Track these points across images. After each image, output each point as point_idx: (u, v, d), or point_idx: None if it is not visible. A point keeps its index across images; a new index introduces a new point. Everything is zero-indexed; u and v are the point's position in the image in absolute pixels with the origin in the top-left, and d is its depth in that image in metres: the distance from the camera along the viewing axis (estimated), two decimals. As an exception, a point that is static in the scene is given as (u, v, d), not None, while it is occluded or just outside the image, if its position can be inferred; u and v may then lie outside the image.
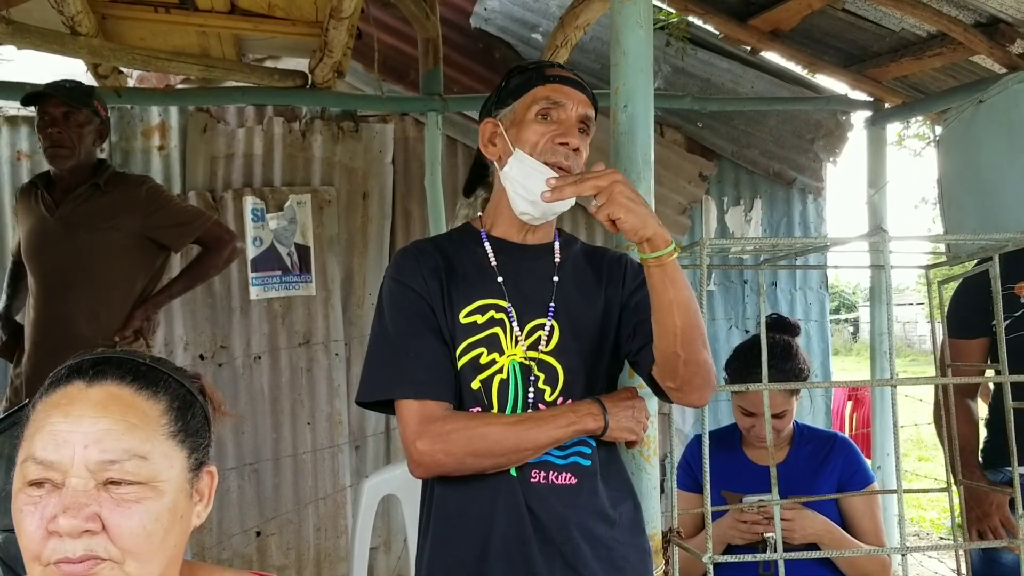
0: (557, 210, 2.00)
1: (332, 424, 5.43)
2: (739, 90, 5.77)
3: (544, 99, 1.97)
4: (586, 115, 2.00)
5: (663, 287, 1.75)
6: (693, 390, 1.84)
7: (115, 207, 3.59)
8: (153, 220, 3.65)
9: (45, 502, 1.16)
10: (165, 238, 3.71)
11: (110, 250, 3.58)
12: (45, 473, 1.17)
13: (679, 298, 1.75)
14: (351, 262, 5.52)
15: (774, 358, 2.78)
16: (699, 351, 1.79)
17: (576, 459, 1.93)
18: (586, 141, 2.01)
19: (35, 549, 1.15)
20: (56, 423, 1.19)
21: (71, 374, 1.24)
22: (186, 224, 3.74)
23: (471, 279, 1.98)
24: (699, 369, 1.80)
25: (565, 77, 2.01)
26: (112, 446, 1.19)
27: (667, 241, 1.74)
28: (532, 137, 1.96)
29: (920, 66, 4.56)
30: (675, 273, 1.75)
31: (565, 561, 1.89)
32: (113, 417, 1.21)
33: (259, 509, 5.31)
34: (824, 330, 6.28)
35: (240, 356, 5.29)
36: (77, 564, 1.15)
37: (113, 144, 5.23)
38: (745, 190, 6.14)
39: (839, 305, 37.38)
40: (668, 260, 1.74)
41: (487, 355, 1.93)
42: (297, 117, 5.46)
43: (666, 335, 1.78)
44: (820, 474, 2.95)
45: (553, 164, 1.93)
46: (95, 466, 1.17)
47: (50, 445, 1.17)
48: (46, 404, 1.22)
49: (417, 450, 1.86)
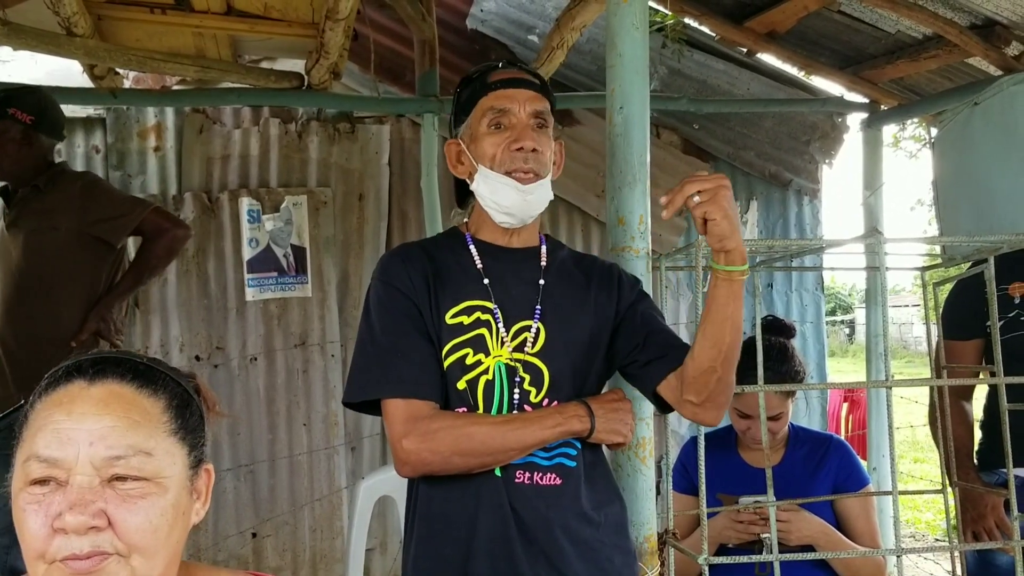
0: (532, 212, 2.00)
1: (328, 425, 5.43)
2: (735, 92, 5.77)
3: (490, 109, 1.97)
4: (537, 110, 1.98)
5: (725, 302, 1.77)
6: (714, 408, 1.86)
7: (53, 206, 3.53)
8: (89, 215, 3.56)
9: (49, 500, 1.17)
10: (103, 232, 3.60)
11: (52, 250, 3.51)
12: (49, 471, 1.17)
13: (735, 317, 1.78)
14: (347, 263, 5.52)
15: (770, 360, 2.78)
16: (733, 371, 1.82)
17: (561, 460, 1.93)
18: (546, 134, 2.00)
19: (40, 547, 1.16)
20: (60, 421, 1.19)
21: (71, 373, 1.25)
22: (122, 216, 3.62)
23: (457, 281, 1.99)
24: (726, 388, 1.83)
25: (507, 80, 2.00)
26: (117, 442, 1.20)
27: (744, 259, 1.76)
28: (489, 150, 1.96)
29: (916, 68, 4.57)
30: (739, 291, 1.77)
31: (549, 562, 1.88)
32: (116, 414, 1.22)
33: (255, 510, 5.30)
34: (820, 332, 6.28)
35: (236, 357, 5.29)
36: (84, 560, 1.15)
37: (109, 145, 5.23)
38: (741, 192, 6.14)
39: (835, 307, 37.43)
40: (738, 278, 1.76)
41: (473, 355, 1.93)
42: (293, 118, 5.46)
43: (711, 349, 1.79)
44: (816, 476, 2.95)
45: (514, 171, 1.94)
46: (100, 462, 1.18)
47: (54, 443, 1.18)
48: (47, 403, 1.22)
49: (403, 449, 1.86)
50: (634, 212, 2.31)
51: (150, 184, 5.27)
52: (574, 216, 5.80)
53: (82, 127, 5.25)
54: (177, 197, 5.25)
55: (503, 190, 1.94)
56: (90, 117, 5.23)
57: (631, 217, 2.31)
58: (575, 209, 5.75)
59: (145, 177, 5.27)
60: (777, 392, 2.86)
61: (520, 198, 1.95)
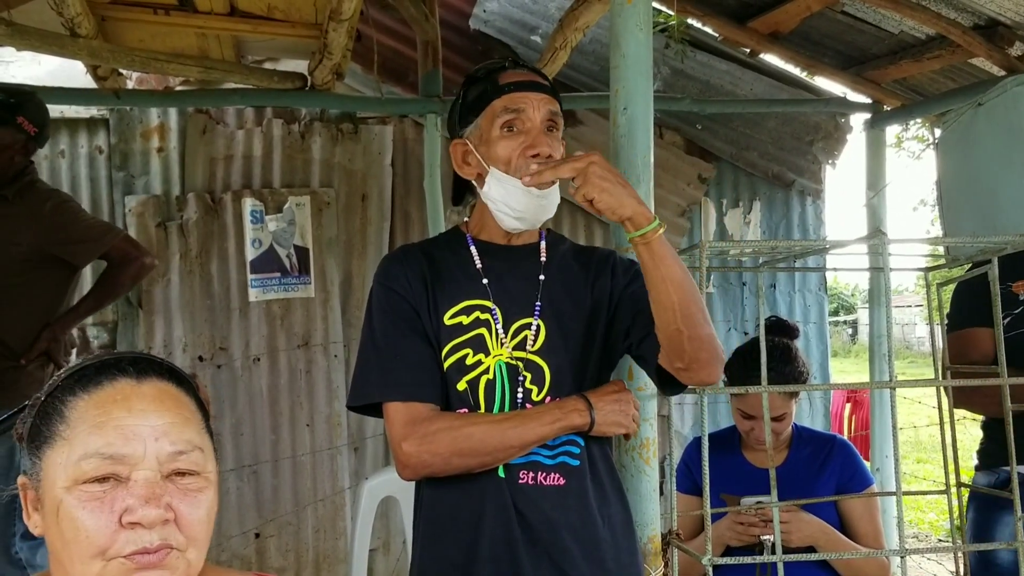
0: (543, 217, 1.99)
1: (331, 426, 5.43)
2: (738, 92, 5.77)
3: (504, 111, 1.95)
4: (550, 113, 1.98)
5: (653, 264, 1.76)
6: (701, 366, 1.82)
7: (18, 221, 3.47)
8: (56, 236, 3.52)
9: (112, 496, 1.17)
10: (68, 254, 3.58)
11: (10, 266, 3.46)
12: (112, 467, 1.18)
13: (671, 274, 1.76)
14: (350, 264, 5.52)
15: (773, 361, 2.78)
16: (701, 325, 1.79)
17: (564, 459, 1.93)
18: (556, 137, 1.99)
19: (103, 543, 1.16)
20: (121, 418, 1.20)
21: (110, 371, 1.25)
22: (91, 241, 3.60)
23: (456, 281, 1.99)
24: (703, 343, 1.80)
25: (520, 82, 1.98)
26: (178, 438, 1.23)
27: (648, 218, 1.74)
28: (503, 154, 1.95)
29: (919, 68, 4.57)
30: (662, 249, 1.76)
31: (553, 563, 1.89)
32: (172, 411, 1.25)
33: (258, 511, 5.30)
34: (823, 332, 6.28)
35: (239, 358, 5.29)
36: (153, 554, 1.17)
37: (112, 146, 5.23)
38: (744, 192, 6.14)
39: (838, 307, 37.42)
40: (653, 237, 1.75)
41: (473, 356, 1.94)
42: (296, 119, 5.46)
43: (664, 312, 1.78)
44: (819, 477, 2.95)
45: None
46: (165, 458, 1.21)
47: (118, 439, 1.19)
48: (93, 401, 1.22)
49: (403, 451, 1.87)
50: (637, 212, 2.30)
51: (153, 185, 5.27)
52: (577, 216, 5.80)
53: (85, 128, 5.25)
54: (180, 198, 5.25)
55: (516, 194, 1.92)
56: (93, 118, 5.23)
57: (635, 218, 2.29)
58: (578, 209, 5.75)
59: (148, 178, 5.28)
60: (781, 393, 2.86)
61: (536, 203, 1.94)
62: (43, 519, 1.22)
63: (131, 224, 5.13)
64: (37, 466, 1.22)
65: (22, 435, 1.27)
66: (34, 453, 1.23)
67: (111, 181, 5.25)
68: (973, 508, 2.91)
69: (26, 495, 1.25)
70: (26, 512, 1.25)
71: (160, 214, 5.20)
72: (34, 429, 1.24)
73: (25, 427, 1.26)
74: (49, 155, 5.16)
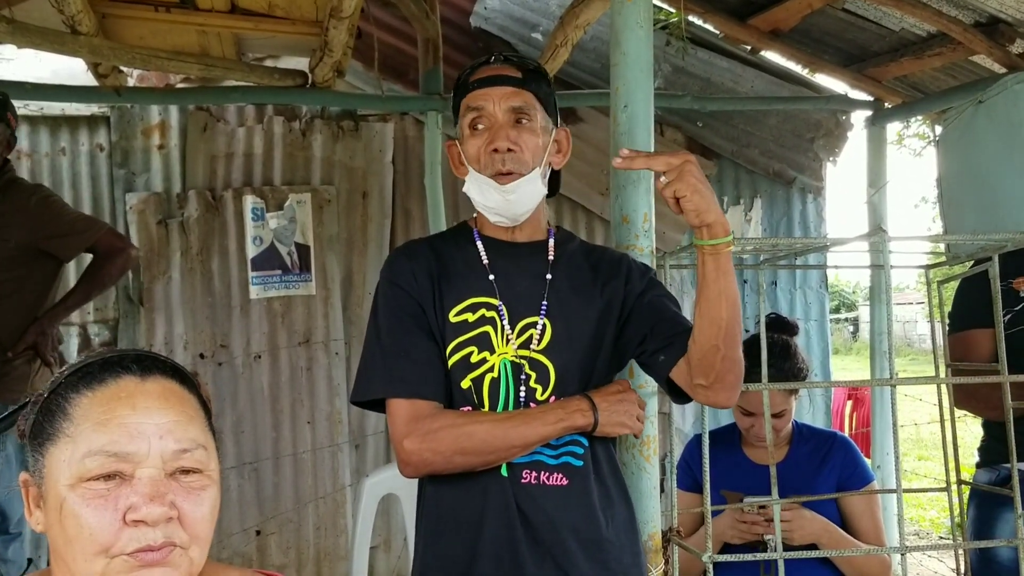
0: (517, 212, 1.97)
1: (332, 423, 5.43)
2: (739, 89, 5.77)
3: (468, 110, 1.97)
4: (514, 106, 1.95)
5: (715, 277, 1.75)
6: (725, 388, 1.82)
7: (5, 218, 3.49)
8: (44, 231, 3.54)
9: (116, 494, 1.18)
10: (56, 248, 3.60)
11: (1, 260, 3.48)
12: (117, 465, 1.18)
13: (728, 290, 1.75)
14: (351, 261, 5.53)
15: (773, 358, 2.78)
16: (737, 348, 1.78)
17: (568, 459, 1.93)
18: (528, 128, 1.96)
19: (106, 541, 1.16)
20: (125, 415, 1.20)
21: (114, 368, 1.25)
22: (77, 234, 3.62)
23: (462, 277, 1.99)
24: (734, 366, 1.79)
25: (483, 79, 1.98)
26: (182, 436, 1.23)
27: (727, 230, 1.73)
28: (472, 152, 1.97)
29: (920, 66, 4.57)
30: (727, 264, 1.75)
31: (555, 562, 1.88)
32: (176, 409, 1.25)
33: (259, 508, 5.31)
34: (824, 329, 6.28)
35: (240, 355, 5.29)
36: (157, 551, 1.17)
37: (113, 143, 5.23)
38: (745, 189, 6.14)
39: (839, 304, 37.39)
40: (724, 250, 1.73)
41: (478, 354, 1.93)
42: (297, 116, 5.47)
43: (710, 327, 1.76)
44: (819, 473, 2.95)
45: (495, 174, 1.93)
46: (170, 456, 1.21)
47: (123, 437, 1.19)
48: (97, 398, 1.22)
49: (405, 449, 1.86)
50: (638, 210, 2.31)
51: (154, 182, 5.27)
52: (578, 214, 5.80)
53: (86, 125, 5.24)
54: (181, 195, 5.25)
55: (488, 192, 1.94)
56: (94, 115, 5.23)
57: (635, 215, 2.30)
58: (579, 207, 5.75)
59: (149, 175, 5.28)
60: (780, 390, 2.86)
61: (501, 198, 1.94)
62: (45, 516, 1.22)
63: (132, 221, 5.13)
64: (40, 463, 1.22)
65: (24, 432, 1.27)
66: (37, 450, 1.23)
67: (112, 178, 5.25)
68: (974, 505, 2.91)
69: (27, 492, 1.25)
70: (28, 509, 1.25)
71: (161, 211, 5.20)
72: (37, 426, 1.24)
73: (28, 424, 1.26)
74: (50, 152, 5.16)
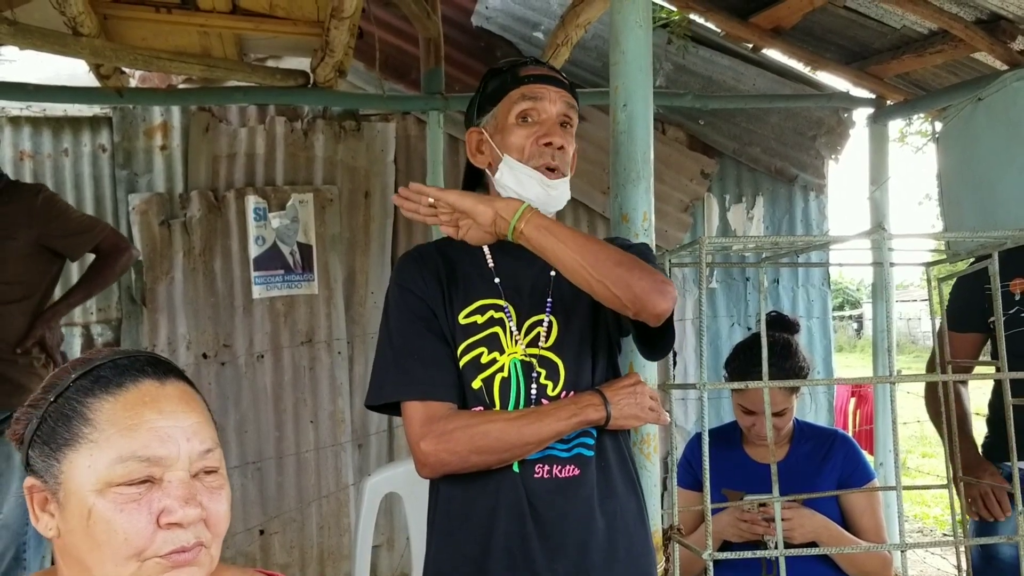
0: (553, 207, 2.02)
1: (335, 423, 5.44)
2: (741, 88, 5.77)
3: (522, 99, 1.99)
4: (566, 110, 2.02)
5: (541, 254, 1.84)
6: (642, 300, 1.80)
7: (12, 216, 3.57)
8: (50, 229, 3.64)
9: (148, 497, 1.19)
10: (63, 247, 3.72)
11: (9, 259, 3.56)
12: (149, 470, 1.20)
13: (554, 255, 1.81)
14: (353, 261, 5.53)
15: (774, 356, 2.79)
16: (611, 268, 1.80)
17: (580, 451, 1.95)
18: (570, 134, 2.03)
19: (141, 544, 1.18)
20: (154, 420, 1.22)
21: (131, 373, 1.26)
22: (83, 233, 3.75)
23: (470, 281, 2.01)
24: (622, 280, 1.79)
25: (539, 76, 2.02)
26: (205, 437, 1.26)
27: (511, 212, 1.82)
28: (517, 142, 1.99)
29: (921, 63, 4.57)
30: (538, 237, 1.82)
31: (566, 555, 1.91)
32: (196, 411, 1.28)
33: (262, 507, 5.32)
34: (826, 327, 6.28)
35: (243, 355, 5.30)
36: (189, 552, 1.21)
37: (115, 144, 5.25)
38: (747, 188, 6.14)
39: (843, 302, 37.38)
40: (522, 228, 1.81)
41: (488, 354, 1.96)
42: (299, 116, 5.47)
43: (577, 281, 1.83)
44: (821, 471, 2.96)
45: (541, 166, 1.97)
46: (196, 457, 1.24)
47: (155, 441, 1.21)
48: (120, 403, 1.23)
49: (421, 451, 1.89)
50: (638, 209, 2.32)
51: (157, 183, 5.28)
52: (579, 212, 5.80)
53: (88, 126, 5.26)
54: (184, 195, 5.26)
55: (528, 182, 1.96)
56: (96, 116, 5.25)
57: (635, 214, 2.31)
58: (580, 205, 5.75)
59: (152, 176, 5.29)
60: (781, 388, 2.87)
61: (545, 192, 1.97)
62: (63, 522, 1.22)
63: (135, 222, 5.14)
64: (53, 468, 1.22)
65: (23, 436, 1.26)
66: (49, 455, 1.22)
67: (115, 179, 5.26)
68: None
69: (32, 497, 1.25)
70: (33, 515, 1.25)
71: (164, 212, 5.21)
72: (49, 430, 1.23)
73: (30, 428, 1.25)
74: (52, 154, 5.18)
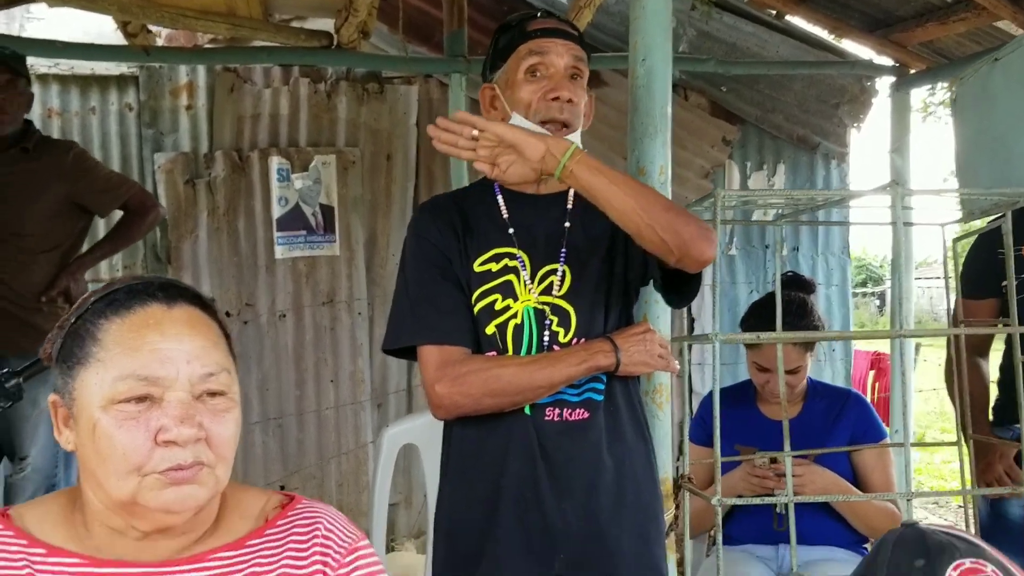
0: None
1: (355, 382, 5.50)
2: (764, 54, 5.74)
3: (529, 54, 2.01)
4: (575, 62, 2.03)
5: (592, 196, 1.85)
6: (688, 245, 1.84)
7: (44, 172, 3.66)
8: (81, 186, 3.73)
9: (147, 415, 1.23)
10: (92, 203, 3.81)
11: (40, 213, 3.65)
12: (147, 388, 1.24)
13: (604, 196, 1.83)
14: (375, 222, 5.58)
15: (789, 315, 2.81)
16: (661, 213, 1.83)
17: (590, 395, 2.00)
18: (580, 85, 2.04)
19: (139, 460, 1.22)
20: (156, 341, 1.26)
21: (141, 296, 1.30)
22: (113, 190, 3.84)
23: (485, 230, 2.05)
24: (671, 225, 1.83)
25: (547, 29, 2.03)
26: (209, 360, 1.28)
27: (562, 150, 1.82)
28: (525, 97, 2.01)
29: (945, 31, 4.56)
30: (587, 177, 1.83)
31: (574, 495, 1.96)
32: (203, 335, 1.31)
33: (283, 463, 5.40)
34: (845, 295, 6.28)
35: (265, 314, 5.36)
36: (187, 470, 1.24)
37: (142, 103, 5.30)
38: (768, 155, 6.13)
39: (866, 278, 37.16)
40: (572, 166, 1.82)
41: (502, 301, 2.00)
42: (323, 78, 5.50)
43: (626, 224, 1.85)
44: (833, 430, 2.99)
45: (549, 121, 1.98)
46: (197, 379, 1.26)
47: (154, 362, 1.24)
48: (127, 324, 1.27)
49: (436, 393, 1.94)
50: (655, 162, 2.33)
51: (182, 142, 5.33)
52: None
53: (115, 85, 5.32)
54: (208, 155, 5.31)
55: None
56: (123, 75, 5.30)
57: (651, 167, 2.33)
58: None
59: (177, 135, 5.34)
60: (795, 346, 2.90)
61: None
62: (77, 436, 1.28)
63: (160, 181, 5.19)
64: (69, 385, 1.27)
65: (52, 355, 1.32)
66: (66, 372, 1.28)
67: (140, 138, 5.32)
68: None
69: (56, 412, 1.31)
70: (57, 429, 1.31)
71: (188, 171, 5.26)
72: (66, 349, 1.29)
73: (55, 347, 1.31)
74: (80, 112, 5.24)
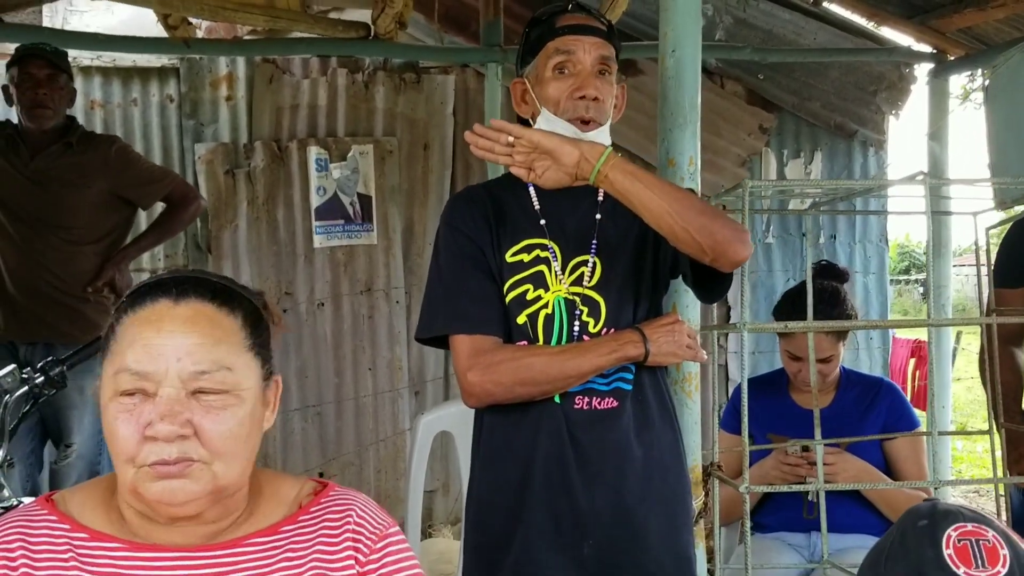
0: None
1: (392, 370, 5.55)
2: (801, 42, 5.69)
3: (556, 53, 2.03)
4: (602, 56, 2.04)
5: (627, 201, 1.87)
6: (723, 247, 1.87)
7: (88, 166, 3.76)
8: (123, 179, 3.83)
9: (139, 409, 1.28)
10: (135, 196, 3.92)
11: (84, 206, 3.75)
12: (139, 383, 1.28)
13: (639, 200, 1.86)
14: (412, 212, 5.62)
15: (821, 304, 2.81)
16: (696, 216, 1.85)
17: (619, 384, 2.02)
18: (608, 80, 2.05)
19: (131, 451, 1.27)
20: (150, 338, 1.30)
21: (155, 292, 1.34)
22: (155, 183, 3.95)
23: (517, 221, 2.08)
24: (705, 228, 1.85)
25: (574, 25, 2.04)
26: (202, 358, 1.30)
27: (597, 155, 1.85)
28: (553, 94, 2.03)
29: (983, 17, 4.51)
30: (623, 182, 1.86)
31: (604, 483, 1.98)
32: (202, 332, 1.32)
33: (322, 450, 5.46)
34: (883, 284, 6.23)
35: (304, 302, 5.42)
36: (172, 465, 1.27)
37: (183, 94, 5.36)
38: (805, 143, 6.08)
39: (909, 265, 36.76)
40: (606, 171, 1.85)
41: (533, 291, 2.03)
42: (360, 68, 5.53)
43: (660, 227, 1.88)
44: (866, 418, 2.99)
45: (576, 119, 2.00)
46: (187, 376, 1.29)
47: (145, 358, 1.28)
48: (135, 320, 1.32)
49: (468, 381, 1.98)
50: (684, 153, 2.35)
51: (222, 132, 5.40)
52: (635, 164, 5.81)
53: (156, 77, 5.39)
54: (248, 146, 5.37)
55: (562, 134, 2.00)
56: (164, 67, 5.37)
57: (681, 158, 2.35)
58: (636, 159, 5.75)
59: (217, 126, 5.41)
60: (827, 335, 2.90)
61: None
62: None
63: (200, 171, 5.26)
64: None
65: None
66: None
67: (181, 129, 5.39)
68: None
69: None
70: None
71: (228, 161, 5.32)
72: (104, 340, 1.36)
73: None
74: (122, 103, 5.32)
